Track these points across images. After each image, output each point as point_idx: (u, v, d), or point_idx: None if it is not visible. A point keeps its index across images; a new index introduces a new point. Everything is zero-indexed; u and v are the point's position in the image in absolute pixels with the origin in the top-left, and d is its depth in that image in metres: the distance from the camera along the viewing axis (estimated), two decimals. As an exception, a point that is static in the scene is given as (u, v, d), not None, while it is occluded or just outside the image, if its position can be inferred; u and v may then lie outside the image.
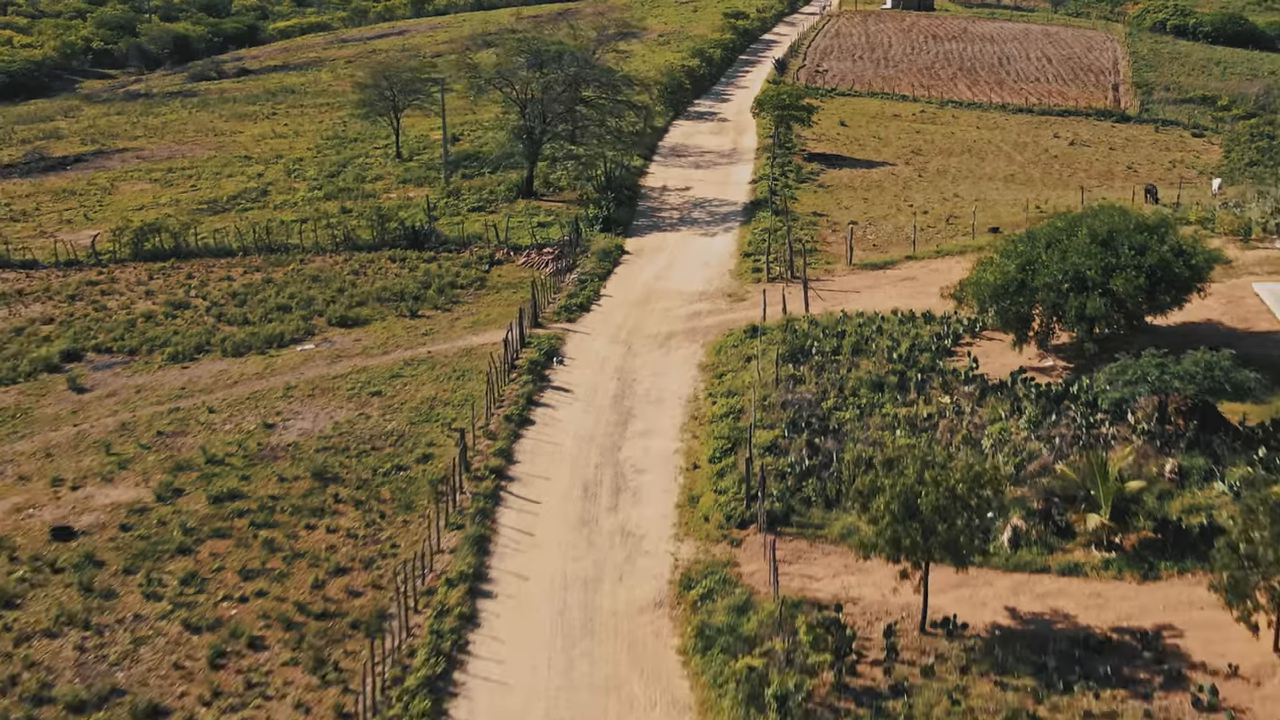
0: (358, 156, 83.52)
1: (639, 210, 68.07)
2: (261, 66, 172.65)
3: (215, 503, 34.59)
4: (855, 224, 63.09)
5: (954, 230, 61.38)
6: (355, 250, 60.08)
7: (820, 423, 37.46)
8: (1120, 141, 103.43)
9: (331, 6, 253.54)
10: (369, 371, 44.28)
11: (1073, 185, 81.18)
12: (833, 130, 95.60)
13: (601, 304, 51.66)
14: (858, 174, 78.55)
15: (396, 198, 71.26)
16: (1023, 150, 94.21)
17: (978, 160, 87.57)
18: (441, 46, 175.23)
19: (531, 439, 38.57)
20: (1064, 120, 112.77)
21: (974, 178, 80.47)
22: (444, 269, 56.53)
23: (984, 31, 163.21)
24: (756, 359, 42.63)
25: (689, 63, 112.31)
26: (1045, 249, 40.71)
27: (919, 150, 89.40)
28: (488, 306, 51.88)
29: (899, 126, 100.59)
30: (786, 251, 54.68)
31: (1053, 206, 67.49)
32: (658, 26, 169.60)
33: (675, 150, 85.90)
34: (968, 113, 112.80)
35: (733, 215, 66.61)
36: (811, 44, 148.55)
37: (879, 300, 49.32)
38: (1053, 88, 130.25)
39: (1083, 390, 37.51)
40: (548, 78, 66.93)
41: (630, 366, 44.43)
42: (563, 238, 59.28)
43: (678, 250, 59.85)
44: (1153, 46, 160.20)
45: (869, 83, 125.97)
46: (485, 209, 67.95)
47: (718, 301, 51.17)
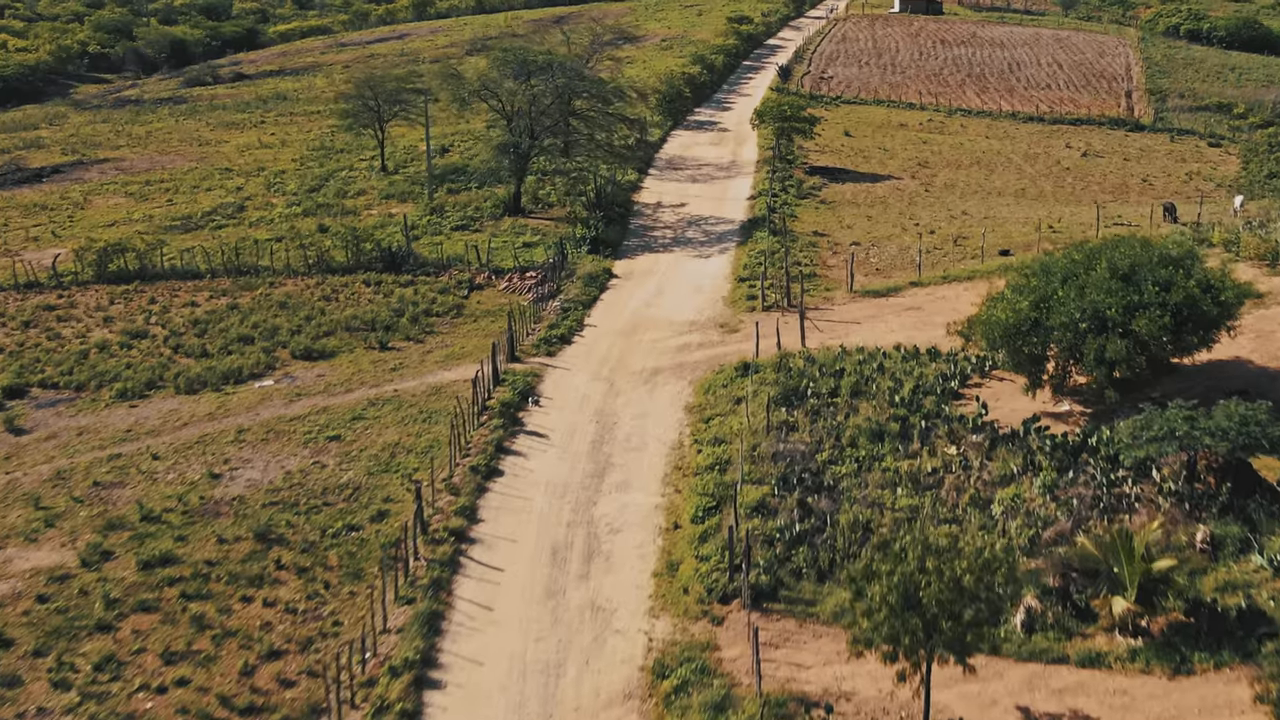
0: (342, 169, 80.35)
1: (630, 229, 64.78)
2: (258, 71, 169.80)
3: (145, 569, 31.35)
4: (857, 245, 59.75)
5: (962, 252, 58.00)
6: (329, 273, 56.87)
7: (814, 478, 34.13)
8: (1134, 152, 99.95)
9: (333, 9, 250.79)
10: (329, 413, 41.04)
11: (1086, 200, 77.79)
12: (836, 141, 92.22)
13: (585, 334, 48.36)
14: (861, 189, 75.19)
15: (377, 215, 68.06)
16: (1034, 162, 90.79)
17: (987, 173, 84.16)
18: (441, 51, 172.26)
19: (499, 493, 35.28)
20: (1076, 129, 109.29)
21: (983, 192, 77.06)
22: (420, 294, 53.28)
23: (993, 36, 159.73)
24: (747, 401, 39.32)
25: (690, 70, 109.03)
26: (1061, 284, 37.33)
27: (926, 162, 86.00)
28: (463, 337, 48.61)
29: (905, 137, 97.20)
30: (783, 278, 51.34)
31: (1065, 225, 64.11)
32: (660, 31, 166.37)
33: (672, 163, 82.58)
34: (977, 121, 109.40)
35: (729, 235, 63.30)
36: (817, 49, 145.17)
37: (881, 333, 45.97)
38: (1064, 95, 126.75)
39: (1102, 443, 34.14)
40: (535, 90, 63.62)
41: (611, 407, 41.12)
42: (547, 260, 56.02)
43: (669, 274, 56.55)
44: (1166, 52, 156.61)
45: (875, 90, 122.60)
46: (469, 227, 64.72)
47: (709, 333, 47.85)
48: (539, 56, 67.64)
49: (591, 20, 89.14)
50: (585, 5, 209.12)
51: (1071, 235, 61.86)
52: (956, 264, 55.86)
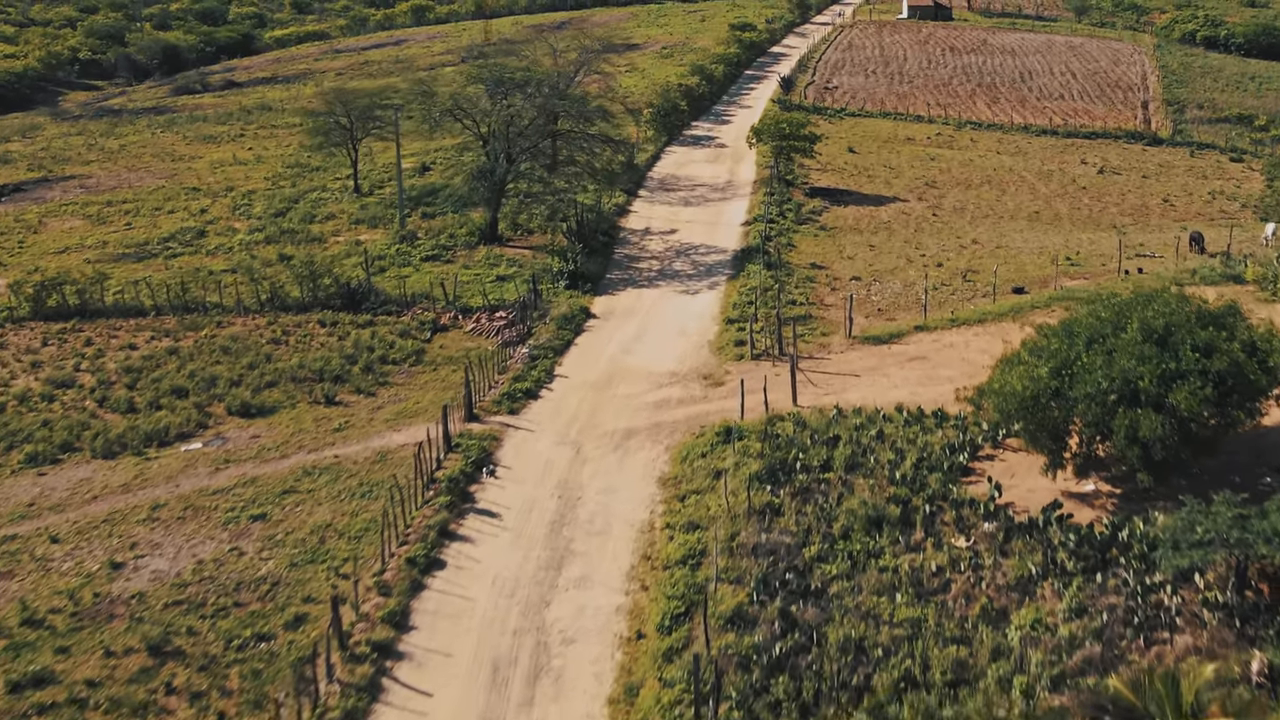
0: (314, 190, 75.79)
1: (614, 259, 60.10)
2: (249, 79, 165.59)
3: (13, 691, 26.78)
4: (858, 280, 55.01)
5: (972, 290, 53.23)
6: (283, 310, 52.28)
7: (799, 578, 29.43)
8: (1153, 168, 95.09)
9: (332, 14, 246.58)
10: (257, 484, 36.42)
11: (1104, 224, 73.01)
12: (840, 158, 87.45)
13: (554, 387, 43.66)
14: (865, 212, 70.40)
15: (344, 242, 63.47)
16: (1048, 180, 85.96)
17: (999, 193, 79.33)
18: (437, 58, 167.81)
19: (438, 591, 30.62)
20: (1091, 143, 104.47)
21: (995, 216, 72.25)
22: (378, 338, 48.65)
23: (1004, 43, 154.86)
24: (727, 476, 34.63)
25: (687, 81, 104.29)
26: (1086, 348, 32.57)
27: (934, 182, 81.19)
28: (420, 389, 43.96)
29: (912, 152, 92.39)
30: (775, 321, 46.60)
31: (1084, 255, 59.33)
32: (661, 38, 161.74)
33: (664, 183, 77.88)
34: (988, 135, 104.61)
35: (720, 267, 58.59)
36: (822, 57, 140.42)
37: (882, 389, 41.23)
38: (1078, 105, 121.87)
39: (1135, 538, 29.41)
40: (511, 109, 58.95)
41: (577, 479, 36.45)
42: (519, 299, 51.35)
43: (653, 313, 51.86)
44: (1183, 60, 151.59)
45: (881, 101, 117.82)
46: (441, 257, 60.10)
47: (691, 385, 43.13)
48: (516, 73, 62.89)
49: (580, 31, 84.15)
50: (587, 10, 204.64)
51: (1091, 267, 57.10)
52: (966, 303, 51.08)
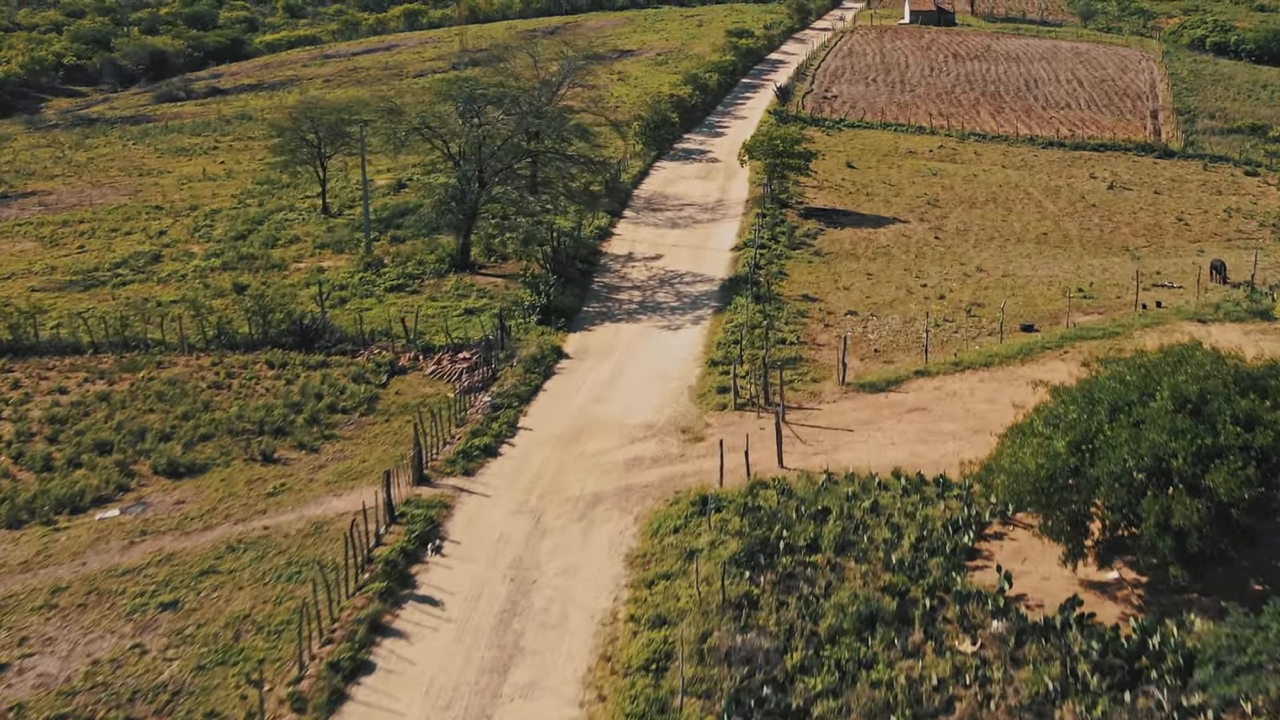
0: (281, 209, 71.75)
1: (592, 290, 56.02)
2: (235, 85, 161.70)
3: None
4: (854, 315, 50.92)
5: (977, 326, 49.12)
6: (230, 349, 48.23)
7: (779, 694, 25.33)
8: (1165, 183, 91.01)
9: (325, 18, 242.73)
10: (174, 563, 32.36)
11: (1116, 246, 68.93)
12: (837, 174, 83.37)
13: (516, 442, 39.57)
14: (863, 235, 66.32)
15: (306, 269, 59.42)
16: (1055, 197, 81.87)
17: (1004, 212, 75.23)
18: (427, 64, 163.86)
19: (361, 703, 26.54)
20: (1100, 156, 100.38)
21: (1000, 239, 68.15)
22: (329, 381, 44.57)
23: (1009, 50, 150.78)
24: (702, 557, 30.58)
25: (679, 91, 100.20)
26: (1109, 418, 28.46)
27: (936, 200, 77.09)
28: (369, 444, 39.89)
29: (914, 167, 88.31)
30: (762, 364, 42.49)
31: (1098, 286, 55.22)
32: (657, 44, 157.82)
33: (651, 201, 73.83)
34: (992, 147, 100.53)
35: (706, 299, 54.51)
36: (821, 65, 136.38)
37: (877, 446, 37.16)
38: (1085, 115, 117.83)
39: (1169, 646, 25.32)
40: (484, 129, 54.81)
41: (533, 556, 32.37)
42: (485, 337, 47.28)
43: (630, 353, 47.76)
44: (1192, 67, 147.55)
45: (882, 110, 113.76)
46: (407, 287, 56.04)
47: (667, 441, 39.04)
48: (489, 89, 58.73)
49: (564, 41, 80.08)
50: (582, 15, 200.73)
51: (1105, 300, 53.00)
52: (971, 342, 47.01)
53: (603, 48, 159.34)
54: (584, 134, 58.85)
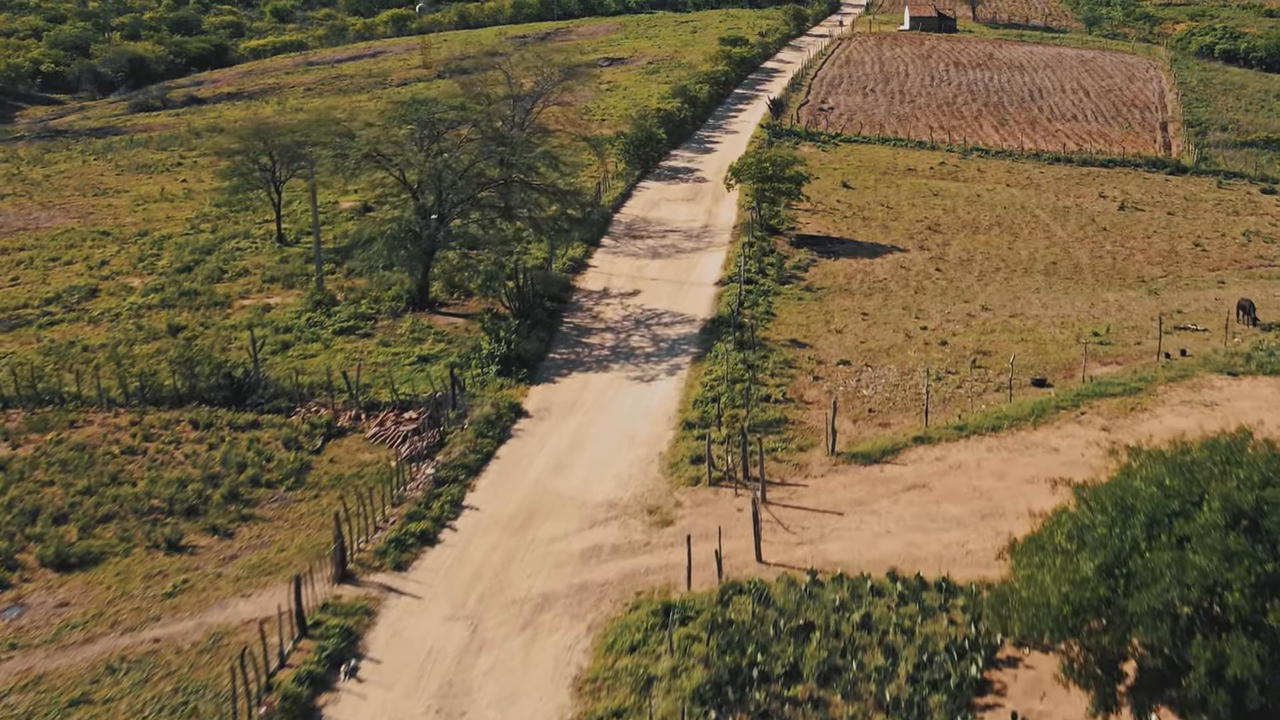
0: (235, 236, 66.88)
1: (561, 332, 51.17)
2: (214, 94, 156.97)
3: None
4: (847, 365, 46.05)
5: (983, 379, 44.27)
6: (154, 404, 43.38)
7: None
8: (1179, 202, 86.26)
9: (313, 23, 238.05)
10: (41, 688, 27.52)
11: (1131, 277, 64.15)
12: (832, 195, 78.57)
13: (459, 526, 34.72)
14: (858, 267, 61.47)
15: (251, 307, 54.56)
16: (1064, 219, 77.10)
17: (1010, 238, 70.40)
18: (412, 72, 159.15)
19: None
20: (1109, 173, 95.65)
21: (1007, 269, 63.33)
22: (258, 446, 39.72)
23: (1012, 57, 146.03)
24: (660, 687, 25.76)
25: (667, 105, 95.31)
26: (1147, 535, 23.60)
27: (937, 225, 72.26)
28: (291, 528, 35.05)
29: (914, 187, 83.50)
30: (741, 434, 37.62)
31: (1115, 331, 50.35)
32: (649, 51, 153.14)
33: (632, 227, 68.97)
34: (996, 163, 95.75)
35: (685, 343, 49.66)
36: (818, 74, 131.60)
37: (870, 535, 32.33)
38: (1093, 127, 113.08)
39: (1227, 834, 20.53)
40: (443, 158, 49.86)
41: (465, 679, 27.54)
42: (433, 394, 42.42)
43: (597, 410, 42.93)
44: (1202, 75, 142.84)
45: (880, 123, 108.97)
46: (359, 329, 51.21)
47: (631, 525, 34.20)
48: (449, 112, 53.73)
49: (538, 57, 75.20)
50: (575, 20, 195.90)
51: (1123, 346, 48.15)
52: (976, 400, 42.16)
53: (594, 54, 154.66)
54: (553, 161, 53.92)
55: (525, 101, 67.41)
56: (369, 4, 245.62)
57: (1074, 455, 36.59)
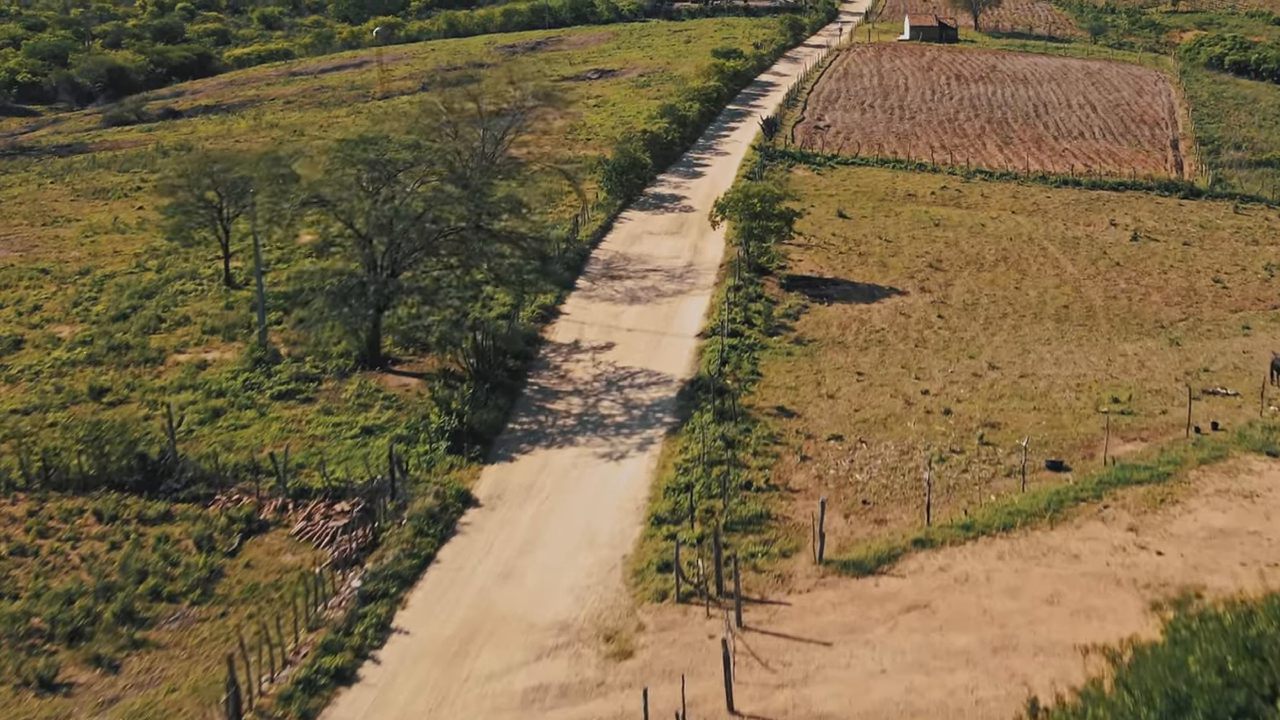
0: (181, 276, 61.96)
1: (523, 396, 46.24)
2: (192, 106, 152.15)
3: None
4: (839, 441, 41.14)
5: (991, 460, 39.35)
6: (59, 489, 38.47)
7: None
8: (1194, 231, 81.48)
9: (301, 29, 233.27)
10: None
11: (1149, 321, 59.30)
12: (827, 226, 73.71)
13: (384, 657, 29.77)
14: (854, 314, 56.56)
15: (187, 363, 49.62)
16: (1074, 252, 72.25)
17: (1018, 276, 65.52)
18: (397, 84, 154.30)
19: None
20: (1120, 197, 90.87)
21: (1015, 314, 58.42)
22: (164, 547, 34.79)
23: (1016, 69, 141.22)
24: None
25: (654, 126, 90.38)
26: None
27: (939, 261, 67.39)
28: (189, 657, 30.09)
29: (914, 215, 78.65)
30: (715, 541, 32.67)
31: (1137, 397, 45.43)
32: (641, 62, 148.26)
33: (611, 265, 64.07)
34: (1001, 187, 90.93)
35: (660, 410, 44.75)
36: (814, 88, 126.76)
37: (862, 677, 27.41)
38: (1101, 145, 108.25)
39: None
40: (392, 206, 44.86)
41: None
42: (371, 480, 37.52)
43: (556, 498, 38.02)
44: (1212, 88, 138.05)
45: (880, 142, 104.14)
46: (301, 393, 46.30)
47: (584, 657, 29.27)
48: (402, 151, 48.69)
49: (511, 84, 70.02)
50: (566, 29, 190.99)
51: (1146, 416, 43.25)
52: (985, 487, 37.25)
53: (583, 65, 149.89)
54: (516, 206, 48.92)
55: (496, 129, 62.49)
56: (358, 10, 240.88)
57: (1098, 564, 31.74)
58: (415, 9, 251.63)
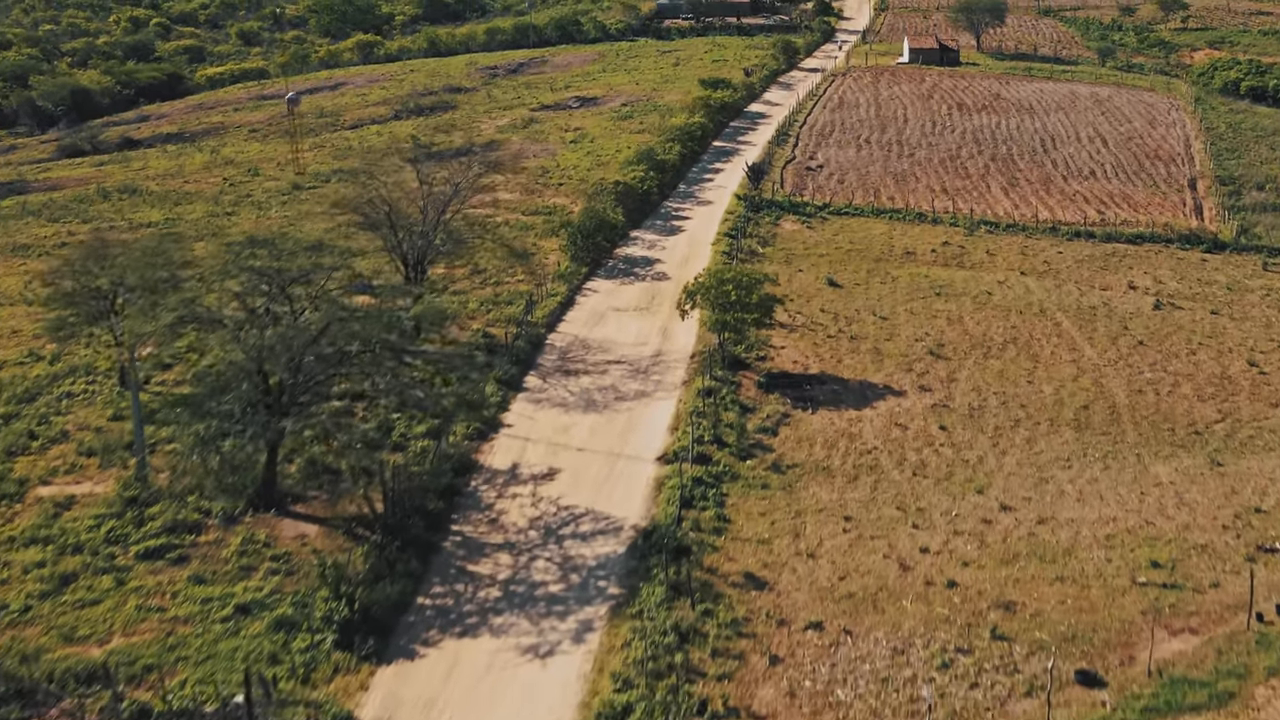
0: (73, 372, 54.11)
1: (441, 554, 38.39)
2: (152, 134, 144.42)
3: None
4: (818, 632, 33.37)
5: (1007, 664, 31.58)
6: None
7: None
8: (1221, 294, 73.98)
9: (281, 45, 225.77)
10: None
11: (1182, 428, 51.64)
12: (816, 298, 66.02)
13: None
14: (842, 425, 48.76)
15: (46, 504, 41.80)
16: (1091, 326, 64.70)
17: (1030, 365, 57.80)
18: (371, 110, 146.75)
19: None
20: (1137, 251, 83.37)
21: (1028, 421, 50.66)
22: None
23: (1021, 96, 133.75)
24: None
25: (629, 175, 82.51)
26: None
27: (940, 344, 59.67)
28: None
29: (912, 281, 71.00)
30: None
31: (1182, 558, 37.66)
32: (626, 88, 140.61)
33: (568, 354, 56.31)
34: (1008, 241, 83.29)
35: (604, 575, 36.96)
36: (806, 121, 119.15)
37: None
38: (1114, 187, 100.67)
39: None
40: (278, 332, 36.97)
41: None
42: (225, 702, 29.73)
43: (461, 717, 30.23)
44: (1229, 118, 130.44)
45: (876, 186, 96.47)
46: (174, 548, 38.50)
47: None
48: (302, 255, 40.55)
49: (461, 163, 61.48)
50: (551, 49, 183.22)
51: (1198, 594, 35.46)
52: (999, 712, 29.47)
53: (565, 91, 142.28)
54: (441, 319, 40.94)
55: (437, 202, 54.69)
56: (340, 25, 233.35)
57: None
58: (400, 22, 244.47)
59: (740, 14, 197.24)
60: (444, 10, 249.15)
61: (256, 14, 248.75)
